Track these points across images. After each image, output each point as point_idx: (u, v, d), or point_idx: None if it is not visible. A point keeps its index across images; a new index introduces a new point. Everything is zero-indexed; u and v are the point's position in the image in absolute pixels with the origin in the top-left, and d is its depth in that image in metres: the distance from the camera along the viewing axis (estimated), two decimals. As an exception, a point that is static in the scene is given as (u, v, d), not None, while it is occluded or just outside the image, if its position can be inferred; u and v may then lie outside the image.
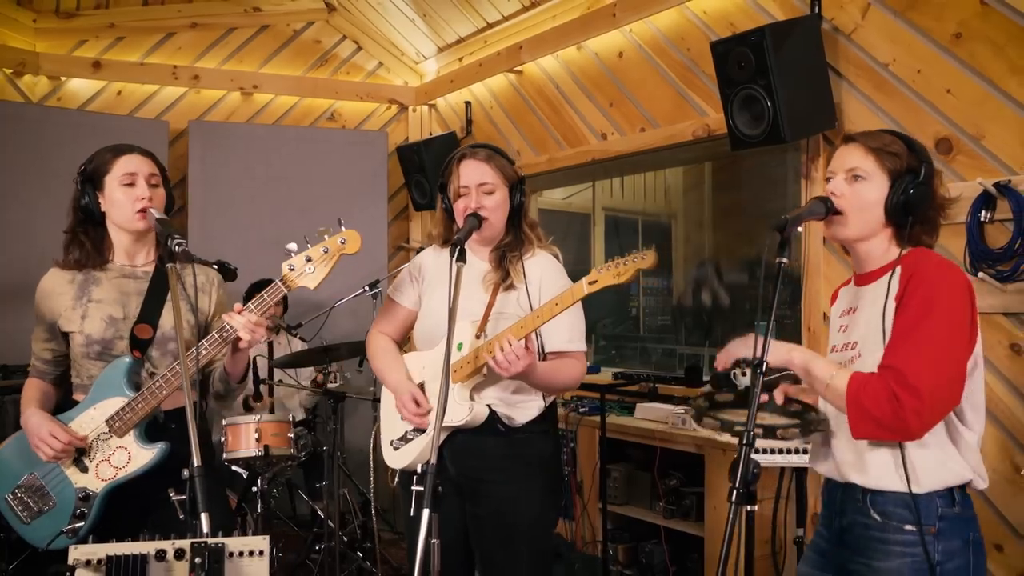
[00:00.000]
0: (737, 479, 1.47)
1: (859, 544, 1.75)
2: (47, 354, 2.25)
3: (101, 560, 1.42)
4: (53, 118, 4.67)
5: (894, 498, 1.71)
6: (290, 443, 3.64)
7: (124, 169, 2.17)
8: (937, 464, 1.71)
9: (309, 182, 5.15)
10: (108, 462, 2.09)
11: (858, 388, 1.65)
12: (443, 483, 2.21)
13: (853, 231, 1.79)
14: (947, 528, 1.70)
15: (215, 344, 2.09)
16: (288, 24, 5.41)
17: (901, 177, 1.74)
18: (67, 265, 2.23)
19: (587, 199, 6.46)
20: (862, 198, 1.75)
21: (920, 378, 1.60)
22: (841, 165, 1.79)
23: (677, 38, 3.95)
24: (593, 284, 2.00)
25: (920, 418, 1.61)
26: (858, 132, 1.83)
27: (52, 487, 2.11)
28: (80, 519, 2.06)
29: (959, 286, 1.70)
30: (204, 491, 1.68)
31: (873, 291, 1.80)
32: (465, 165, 2.28)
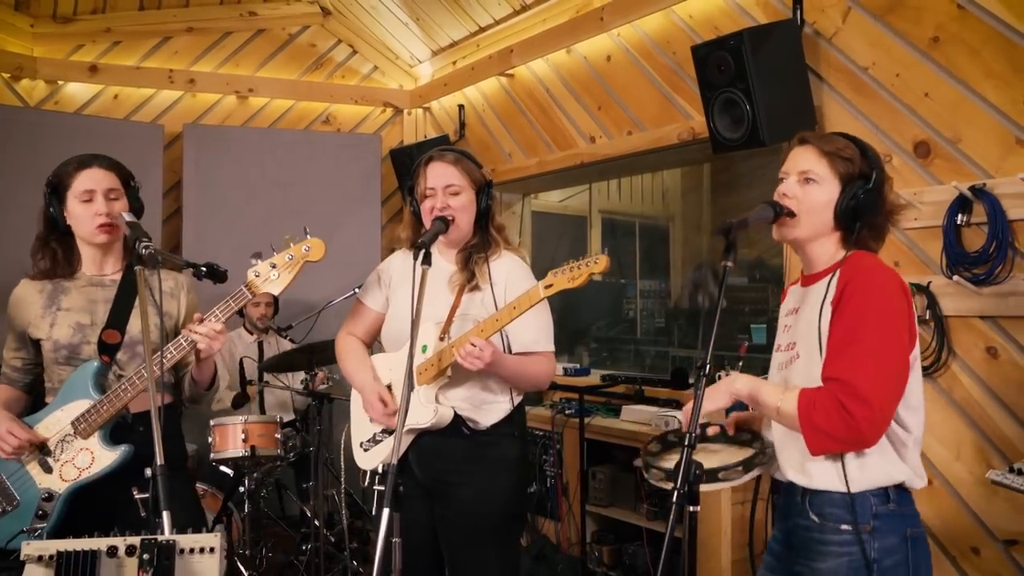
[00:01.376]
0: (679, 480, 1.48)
1: (802, 546, 1.78)
2: (17, 362, 2.31)
3: (52, 556, 1.45)
4: (50, 122, 4.72)
5: (830, 498, 1.73)
6: (277, 444, 3.68)
7: (83, 186, 2.21)
8: (874, 466, 1.73)
9: (303, 185, 5.19)
10: (72, 463, 2.12)
11: (808, 407, 1.67)
12: (411, 485, 2.25)
13: (802, 232, 1.81)
14: (883, 526, 1.71)
15: (180, 349, 2.13)
16: (283, 28, 5.46)
17: (852, 182, 1.76)
18: (37, 276, 2.29)
19: (584, 201, 6.48)
20: (813, 200, 1.77)
21: (868, 387, 1.62)
22: (794, 167, 1.80)
23: (663, 41, 3.97)
24: (549, 288, 2.03)
25: (873, 426, 1.64)
26: (811, 134, 1.85)
27: (16, 487, 2.15)
28: (42, 519, 2.09)
29: (893, 290, 1.71)
30: (166, 490, 1.72)
31: (814, 292, 1.82)
32: (432, 167, 2.31)
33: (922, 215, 2.92)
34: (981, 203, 2.74)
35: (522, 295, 2.09)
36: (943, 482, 2.87)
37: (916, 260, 2.97)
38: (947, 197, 2.83)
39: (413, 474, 2.28)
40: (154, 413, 1.80)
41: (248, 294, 2.19)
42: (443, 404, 2.23)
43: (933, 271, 2.90)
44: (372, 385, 2.32)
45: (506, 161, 5.01)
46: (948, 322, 2.87)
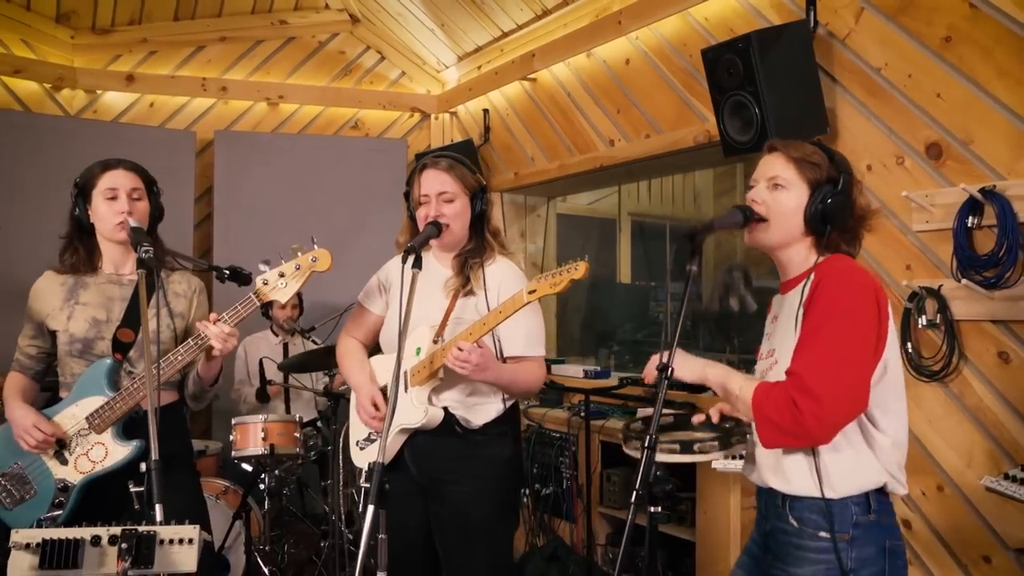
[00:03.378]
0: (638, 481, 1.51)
1: (779, 550, 1.78)
2: (32, 350, 2.41)
3: (38, 544, 1.54)
4: (89, 130, 4.92)
5: (810, 504, 1.73)
6: (296, 442, 3.77)
7: (107, 184, 2.32)
8: (851, 469, 1.72)
9: (331, 190, 5.29)
10: (87, 456, 2.23)
11: (762, 398, 1.68)
12: (406, 483, 2.31)
13: (773, 238, 1.81)
14: (861, 535, 1.71)
15: (190, 350, 2.22)
16: (313, 36, 5.58)
17: (821, 187, 1.76)
18: (61, 269, 2.40)
19: (613, 204, 6.48)
20: (782, 206, 1.78)
21: (818, 382, 1.61)
22: (763, 173, 1.82)
23: (680, 44, 3.96)
24: (532, 293, 2.06)
25: (820, 422, 1.62)
26: (780, 141, 1.86)
27: (34, 477, 2.26)
28: (58, 508, 2.20)
29: (864, 291, 1.70)
30: (160, 484, 1.79)
31: (791, 299, 1.82)
32: (426, 175, 2.36)
33: (933, 217, 2.88)
34: (991, 205, 2.70)
35: (507, 299, 2.13)
36: (954, 489, 2.83)
37: (927, 263, 2.93)
38: (958, 199, 2.78)
39: (408, 472, 2.33)
40: (151, 411, 1.87)
41: (256, 301, 2.27)
42: (435, 405, 2.28)
43: (944, 274, 2.85)
44: (367, 388, 2.38)
45: (529, 164, 5.04)
46: (959, 326, 2.82)
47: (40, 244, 2.62)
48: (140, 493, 1.86)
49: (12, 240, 4.21)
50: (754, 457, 1.86)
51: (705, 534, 3.35)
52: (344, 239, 4.56)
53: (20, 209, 4.44)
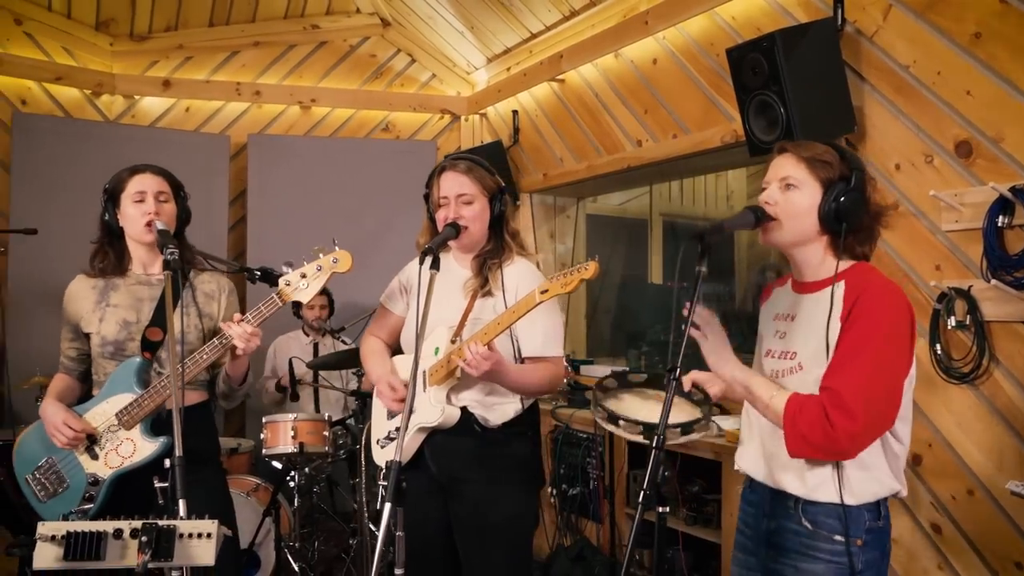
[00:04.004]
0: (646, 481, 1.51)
1: (787, 546, 1.79)
2: (72, 352, 2.49)
3: (63, 536, 1.59)
4: (127, 134, 5.04)
5: (826, 509, 1.76)
6: (325, 441, 3.83)
7: (135, 188, 2.38)
8: (870, 477, 1.76)
9: (362, 192, 5.34)
10: (116, 452, 2.29)
11: (795, 412, 1.70)
12: (425, 481, 2.34)
13: (786, 237, 1.82)
14: (871, 540, 1.75)
15: (215, 349, 2.27)
16: (345, 40, 5.65)
17: (833, 185, 1.76)
18: (92, 273, 2.47)
19: (644, 205, 6.45)
20: (794, 206, 1.78)
21: (857, 401, 1.64)
22: (775, 175, 1.82)
23: (707, 43, 3.95)
24: (544, 293, 2.07)
25: (853, 440, 1.66)
26: (791, 142, 1.85)
27: (66, 471, 2.33)
28: (89, 501, 2.27)
29: (903, 310, 1.73)
30: (184, 480, 1.84)
31: (814, 303, 1.81)
32: (445, 177, 2.39)
33: (963, 217, 2.84)
34: (1022, 204, 2.65)
35: (520, 300, 2.15)
36: (984, 493, 2.78)
37: (957, 263, 2.88)
38: (988, 198, 2.73)
39: (428, 470, 2.36)
40: (175, 409, 1.92)
41: (279, 301, 2.32)
42: (454, 404, 2.31)
43: (974, 274, 2.81)
44: (385, 376, 2.42)
45: (557, 165, 5.05)
46: (989, 327, 2.77)
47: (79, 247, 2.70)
48: (164, 489, 1.91)
49: (53, 243, 4.33)
50: (762, 456, 1.86)
51: (731, 536, 3.32)
52: (374, 240, 4.61)
53: (61, 212, 4.57)
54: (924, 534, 2.95)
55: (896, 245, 3.06)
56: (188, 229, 2.59)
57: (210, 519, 1.66)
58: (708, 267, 1.67)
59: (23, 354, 4.40)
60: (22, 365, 4.30)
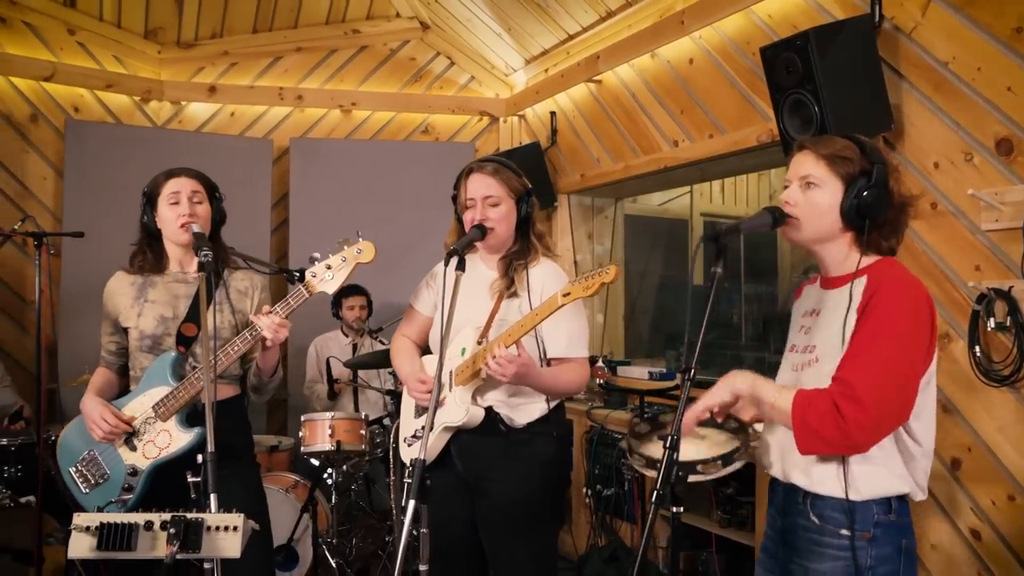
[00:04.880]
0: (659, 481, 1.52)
1: (799, 545, 1.79)
2: (112, 346, 2.58)
3: (96, 527, 1.66)
4: (174, 139, 5.18)
5: (832, 503, 1.74)
6: (362, 439, 3.89)
7: (171, 190, 2.47)
8: (879, 476, 1.73)
9: (401, 194, 5.40)
10: (153, 443, 2.38)
11: (804, 407, 1.68)
12: (452, 479, 2.37)
13: (807, 235, 1.81)
14: (881, 535, 1.71)
15: (245, 341, 2.34)
16: (385, 44, 5.72)
17: (855, 181, 1.74)
18: (131, 270, 2.56)
19: (684, 205, 6.41)
20: (815, 204, 1.77)
21: (867, 392, 1.61)
22: (795, 173, 1.81)
23: (743, 42, 3.91)
24: (567, 296, 2.09)
25: (864, 431, 1.62)
26: (810, 139, 1.84)
27: (107, 463, 2.42)
28: (128, 492, 2.36)
29: (921, 304, 1.70)
30: (215, 474, 1.90)
31: (836, 297, 1.80)
32: (472, 179, 2.41)
33: (1003, 216, 2.77)
34: (1064, 203, 2.58)
35: (543, 303, 2.17)
36: (1026, 498, 2.72)
37: (997, 263, 2.82)
38: (1028, 197, 2.68)
39: (455, 469, 2.39)
40: (208, 406, 1.98)
41: (305, 293, 2.37)
42: (479, 404, 2.33)
43: (1015, 275, 2.74)
44: (414, 373, 2.46)
45: (595, 166, 5.06)
46: (1030, 329, 2.70)
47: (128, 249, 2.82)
48: (197, 483, 1.97)
49: (103, 245, 4.45)
50: (777, 452, 1.85)
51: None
52: (413, 242, 4.67)
53: (111, 216, 4.69)
54: (963, 540, 2.89)
55: (935, 245, 3.00)
56: (233, 232, 2.68)
57: (242, 513, 1.72)
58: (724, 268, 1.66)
59: (74, 352, 4.55)
60: (72, 363, 4.45)
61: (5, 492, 3.55)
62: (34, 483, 3.43)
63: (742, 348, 6.12)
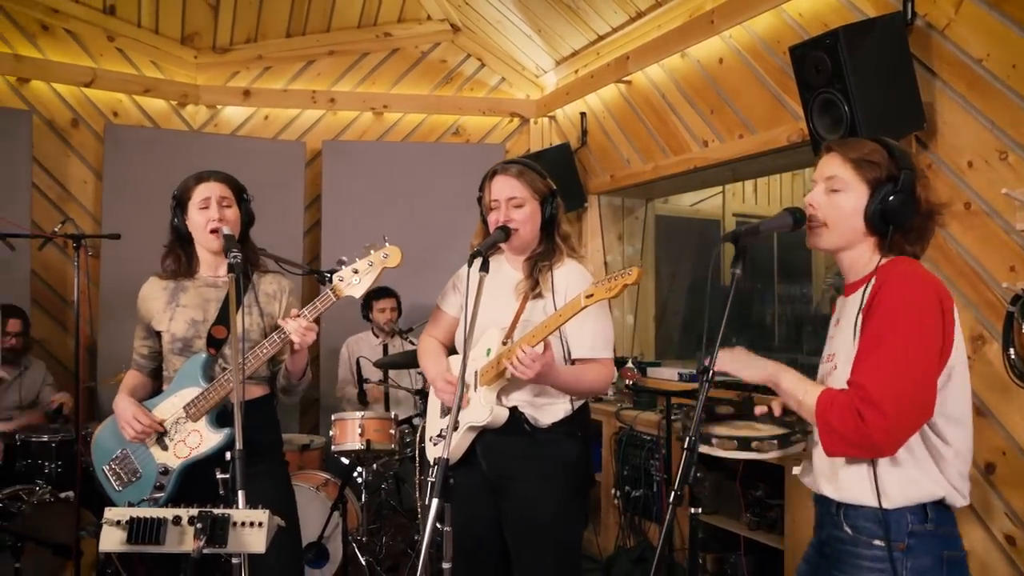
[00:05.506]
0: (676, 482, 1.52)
1: (835, 557, 1.75)
2: (144, 349, 2.64)
3: (127, 521, 1.70)
4: (209, 143, 5.28)
5: (864, 512, 1.70)
6: (392, 439, 3.92)
7: (201, 195, 2.51)
8: (909, 480, 1.68)
9: (432, 195, 5.44)
10: (184, 443, 2.43)
11: (826, 407, 1.65)
12: (477, 479, 2.39)
13: (830, 241, 1.78)
14: (917, 545, 1.66)
15: (274, 344, 2.38)
16: (416, 46, 5.77)
17: (881, 186, 1.71)
18: (163, 276, 2.61)
19: (717, 205, 6.37)
20: (839, 208, 1.74)
21: (883, 394, 1.58)
22: (820, 175, 1.79)
23: (773, 41, 3.88)
24: (590, 298, 2.09)
25: (887, 435, 1.60)
26: (838, 142, 1.81)
27: (139, 461, 2.48)
28: (160, 490, 2.41)
29: (925, 294, 1.65)
30: (243, 471, 1.94)
31: (852, 302, 1.77)
32: (496, 181, 2.43)
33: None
34: (1102, 203, 2.53)
35: (566, 304, 2.17)
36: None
37: (1033, 264, 2.77)
38: (1065, 197, 2.62)
39: (479, 468, 2.40)
40: (237, 405, 2.02)
41: (333, 297, 2.41)
42: (504, 404, 2.35)
43: (1052, 276, 2.69)
44: (441, 373, 2.49)
45: (624, 167, 5.05)
46: (1067, 331, 2.65)
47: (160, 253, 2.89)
48: (226, 480, 2.01)
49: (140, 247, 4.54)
50: (811, 462, 1.83)
51: (793, 541, 3.27)
52: (443, 243, 4.68)
53: (148, 218, 4.76)
54: (997, 545, 2.84)
55: (968, 245, 2.96)
56: (266, 234, 2.73)
57: (269, 510, 1.75)
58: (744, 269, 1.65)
59: (113, 351, 4.66)
60: (111, 362, 4.55)
61: (45, 487, 3.65)
62: (73, 479, 3.52)
63: (775, 350, 6.05)
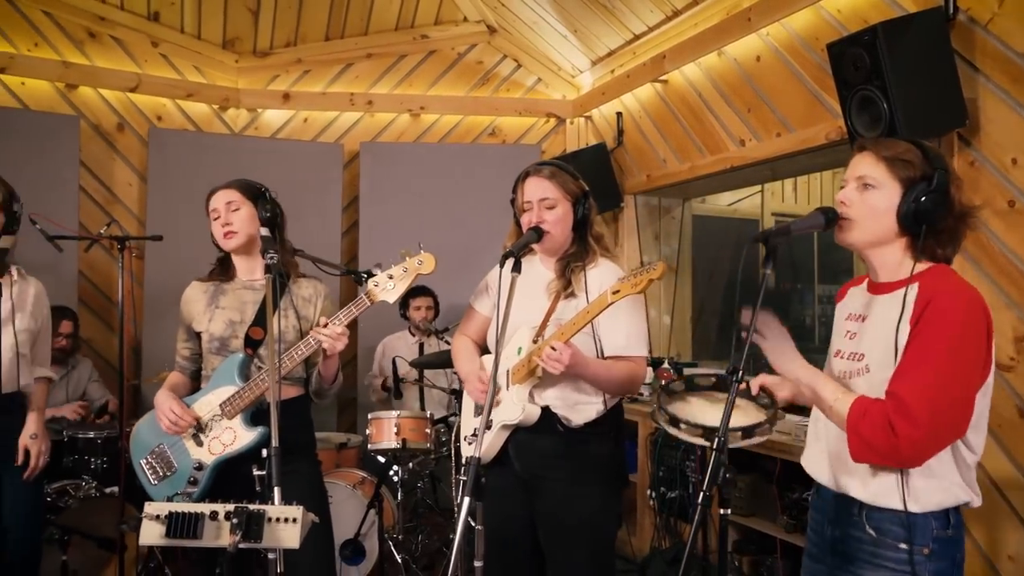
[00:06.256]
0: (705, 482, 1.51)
1: (852, 555, 1.74)
2: (186, 351, 2.71)
3: (166, 515, 1.75)
4: (250, 146, 5.36)
5: (890, 516, 1.70)
6: (427, 437, 3.96)
7: (212, 207, 2.63)
8: (938, 486, 1.68)
9: (468, 196, 5.47)
10: (219, 439, 2.48)
11: (858, 416, 1.65)
12: (509, 478, 2.40)
13: (861, 238, 1.76)
14: (939, 549, 1.68)
15: (308, 347, 2.43)
16: (453, 48, 5.80)
17: (914, 185, 1.69)
18: (204, 279, 2.70)
19: (755, 204, 6.30)
20: (871, 207, 1.73)
21: (922, 409, 1.58)
22: (852, 173, 1.77)
23: (811, 38, 3.84)
24: (616, 294, 2.10)
25: (916, 448, 1.60)
26: (872, 140, 1.79)
27: (175, 456, 2.54)
28: (194, 485, 2.47)
29: (976, 315, 1.65)
30: (279, 469, 1.98)
31: (886, 305, 1.75)
32: (528, 182, 2.44)
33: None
34: None
35: (593, 300, 2.18)
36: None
37: (1079, 264, 2.70)
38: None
39: (512, 467, 2.42)
40: (273, 404, 2.07)
41: (367, 301, 2.44)
42: (536, 403, 2.36)
43: (1099, 276, 2.62)
44: (474, 371, 2.51)
45: (661, 167, 5.02)
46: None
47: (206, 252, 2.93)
48: (262, 476, 2.05)
49: (183, 248, 4.65)
50: (827, 459, 1.82)
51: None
52: (480, 244, 4.70)
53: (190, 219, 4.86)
54: (1043, 552, 2.78)
55: (1013, 244, 2.89)
56: (305, 234, 2.78)
57: (302, 506, 1.78)
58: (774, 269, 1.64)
59: (158, 350, 4.76)
60: (156, 360, 4.65)
61: (91, 483, 3.75)
62: (118, 474, 3.61)
63: (814, 350, 5.98)
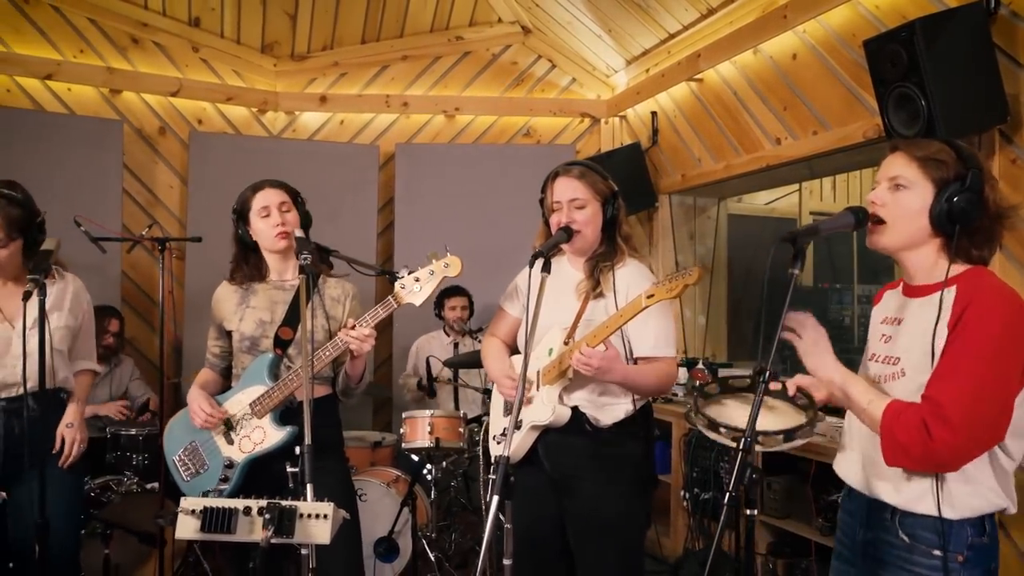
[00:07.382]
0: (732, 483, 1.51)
1: (883, 559, 1.72)
2: (216, 349, 2.77)
3: (200, 510, 1.79)
4: (287, 148, 5.44)
5: (924, 522, 1.67)
6: (461, 437, 3.98)
7: (260, 204, 2.63)
8: (975, 492, 1.66)
9: (503, 196, 5.47)
10: (249, 438, 2.54)
11: (892, 419, 1.63)
12: (539, 478, 2.41)
13: (893, 240, 1.73)
14: (974, 557, 1.65)
15: (336, 347, 2.47)
16: (487, 49, 5.83)
17: (948, 185, 1.66)
18: (234, 281, 2.74)
19: (793, 203, 6.23)
20: (903, 207, 1.70)
21: (958, 413, 1.56)
22: (884, 174, 1.75)
23: (848, 35, 3.78)
24: (651, 298, 2.10)
25: (952, 452, 1.58)
26: (904, 141, 1.77)
27: (206, 454, 2.60)
28: (225, 482, 2.52)
29: (1017, 319, 1.62)
30: (311, 466, 2.02)
31: (922, 307, 1.72)
32: (558, 182, 2.45)
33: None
34: None
35: (627, 304, 2.18)
36: None
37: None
38: None
39: (542, 467, 2.43)
40: (306, 402, 2.10)
41: (394, 303, 2.48)
42: (565, 404, 2.36)
43: None
44: (504, 371, 2.52)
45: (696, 166, 4.99)
46: None
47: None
48: (295, 473, 2.09)
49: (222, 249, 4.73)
50: (860, 462, 1.80)
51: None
52: (514, 244, 4.70)
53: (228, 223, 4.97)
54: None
55: (1055, 244, 2.83)
56: (341, 235, 2.83)
57: (332, 503, 1.81)
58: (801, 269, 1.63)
59: (197, 349, 4.84)
60: (197, 359, 4.72)
61: (133, 479, 3.84)
62: (159, 471, 3.70)
63: (853, 351, 5.89)
